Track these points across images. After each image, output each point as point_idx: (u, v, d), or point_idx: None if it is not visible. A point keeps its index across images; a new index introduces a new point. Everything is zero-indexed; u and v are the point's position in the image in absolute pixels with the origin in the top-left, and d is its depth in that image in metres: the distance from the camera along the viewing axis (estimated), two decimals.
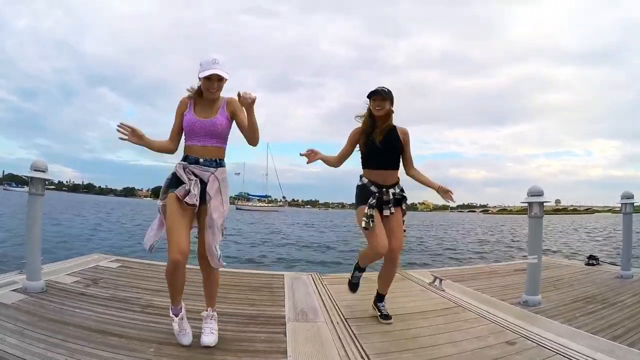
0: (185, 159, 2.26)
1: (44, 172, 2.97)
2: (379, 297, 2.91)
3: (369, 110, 2.73)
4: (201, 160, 2.23)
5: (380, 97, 2.67)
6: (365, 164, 2.77)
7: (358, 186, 2.78)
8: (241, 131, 2.31)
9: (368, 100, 2.73)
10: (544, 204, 3.29)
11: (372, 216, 2.61)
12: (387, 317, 2.77)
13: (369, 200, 2.63)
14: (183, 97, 2.33)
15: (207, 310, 2.33)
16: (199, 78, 2.20)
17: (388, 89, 2.69)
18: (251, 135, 2.27)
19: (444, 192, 2.76)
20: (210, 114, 2.27)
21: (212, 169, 2.24)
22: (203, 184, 2.21)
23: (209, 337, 2.18)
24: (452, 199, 2.74)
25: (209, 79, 2.17)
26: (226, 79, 2.22)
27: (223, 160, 2.33)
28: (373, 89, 2.70)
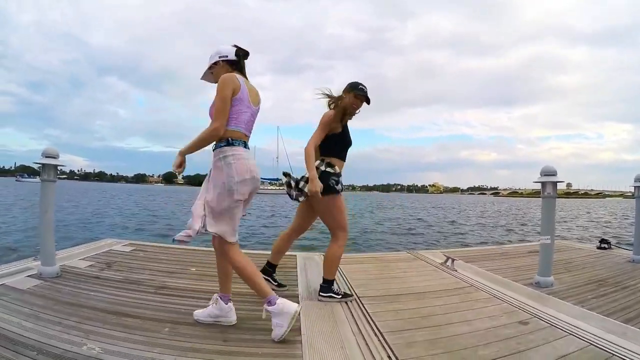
0: None
1: (55, 158, 2.99)
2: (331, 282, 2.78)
3: (345, 102, 2.69)
4: None
5: (366, 101, 2.72)
6: (333, 151, 2.72)
7: (329, 173, 2.66)
8: None
9: (351, 90, 2.70)
10: (557, 184, 3.26)
11: None
12: (347, 294, 2.77)
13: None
14: None
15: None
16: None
17: None
18: None
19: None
20: None
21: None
22: None
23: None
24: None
25: None
26: (208, 72, 2.29)
27: (219, 142, 2.15)
28: (363, 88, 2.70)
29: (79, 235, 9.08)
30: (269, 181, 75.87)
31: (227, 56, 2.23)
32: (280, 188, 75.27)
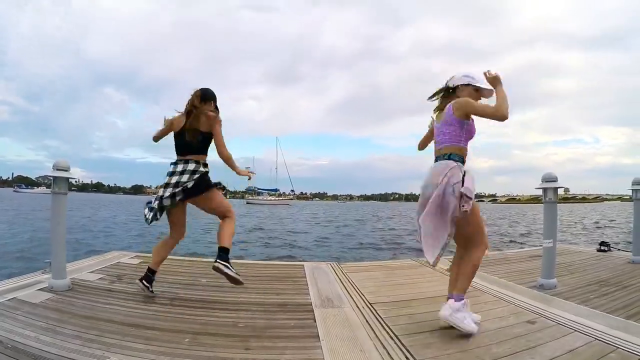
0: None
1: (66, 171, 2.99)
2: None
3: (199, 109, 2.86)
4: None
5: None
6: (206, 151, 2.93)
7: (207, 172, 2.88)
8: None
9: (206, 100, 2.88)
10: (558, 190, 3.35)
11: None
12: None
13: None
14: None
15: None
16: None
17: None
18: None
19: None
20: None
21: None
22: None
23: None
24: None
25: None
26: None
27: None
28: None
29: (82, 248, 9.03)
30: (267, 191, 75.73)
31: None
32: (278, 199, 75.03)
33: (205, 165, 2.89)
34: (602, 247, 5.19)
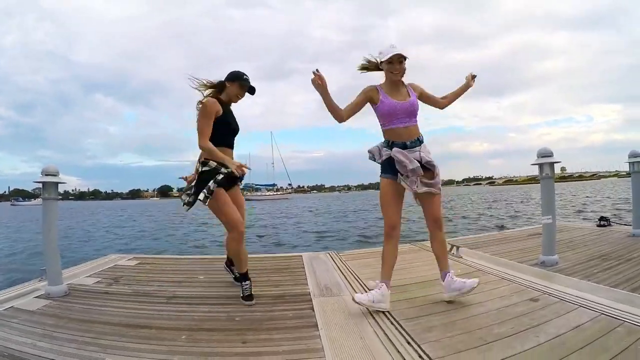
0: (391, 144, 2.44)
1: (55, 176, 2.94)
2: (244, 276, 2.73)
3: (230, 91, 2.70)
4: (408, 143, 2.41)
5: (250, 92, 2.77)
6: (216, 138, 2.59)
7: (206, 171, 2.58)
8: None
9: (235, 80, 2.69)
10: (554, 165, 3.32)
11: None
12: (250, 297, 2.66)
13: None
14: (370, 86, 2.50)
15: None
16: (380, 63, 2.45)
17: None
18: None
19: None
20: (405, 96, 2.47)
21: (417, 149, 2.42)
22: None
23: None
24: None
25: (391, 62, 2.38)
26: (407, 58, 2.41)
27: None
28: (247, 78, 2.71)
29: (78, 255, 8.99)
30: (265, 187, 75.69)
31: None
32: (277, 193, 74.92)
33: (203, 163, 2.60)
34: (602, 222, 5.17)
